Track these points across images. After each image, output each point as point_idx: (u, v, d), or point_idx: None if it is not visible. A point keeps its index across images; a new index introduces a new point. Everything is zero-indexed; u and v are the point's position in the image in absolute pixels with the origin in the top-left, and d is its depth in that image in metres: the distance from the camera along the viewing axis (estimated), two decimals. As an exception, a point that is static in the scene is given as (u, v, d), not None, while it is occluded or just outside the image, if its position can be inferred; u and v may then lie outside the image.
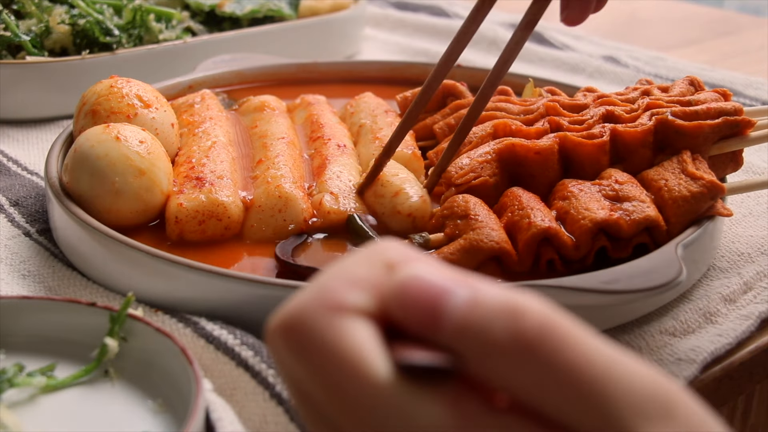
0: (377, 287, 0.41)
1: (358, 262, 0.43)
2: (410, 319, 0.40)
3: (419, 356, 0.40)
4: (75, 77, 1.22)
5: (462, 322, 0.39)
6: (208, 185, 0.88)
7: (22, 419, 0.62)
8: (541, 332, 0.38)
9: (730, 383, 0.77)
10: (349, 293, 0.41)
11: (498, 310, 0.39)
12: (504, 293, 0.40)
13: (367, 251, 0.44)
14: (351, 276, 0.42)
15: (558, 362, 0.38)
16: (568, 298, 0.73)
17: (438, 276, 0.41)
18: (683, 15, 2.04)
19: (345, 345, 0.40)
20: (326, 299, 0.41)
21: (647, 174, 0.87)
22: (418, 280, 0.41)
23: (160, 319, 0.76)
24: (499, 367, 0.39)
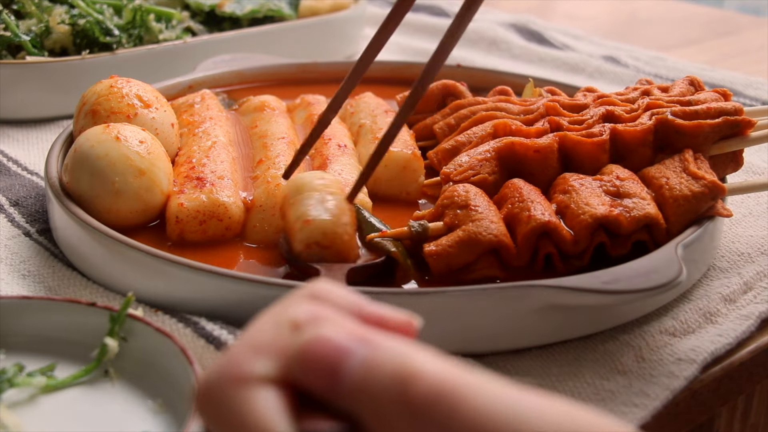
0: (281, 351, 0.42)
1: (265, 325, 0.44)
2: (312, 383, 0.41)
3: (319, 425, 0.40)
4: (75, 77, 1.22)
5: (357, 385, 0.40)
6: (208, 185, 0.88)
7: (22, 419, 0.62)
8: (433, 397, 0.38)
9: (730, 383, 0.77)
10: (253, 362, 0.42)
11: (390, 375, 0.40)
12: (400, 354, 0.40)
13: (276, 310, 0.44)
14: (256, 342, 0.43)
15: (453, 424, 0.38)
16: (568, 298, 0.73)
17: (339, 335, 0.41)
18: (683, 15, 2.04)
19: (249, 417, 0.40)
20: (231, 371, 0.42)
21: (648, 171, 0.87)
22: (319, 342, 0.41)
23: (160, 319, 0.76)
24: (394, 431, 0.39)
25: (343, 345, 0.41)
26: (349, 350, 0.41)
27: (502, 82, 1.16)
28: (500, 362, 0.75)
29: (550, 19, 1.87)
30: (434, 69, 0.80)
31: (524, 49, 1.60)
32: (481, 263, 0.79)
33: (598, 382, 0.73)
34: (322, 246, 0.77)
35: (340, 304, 0.45)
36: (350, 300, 0.45)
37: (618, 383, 0.73)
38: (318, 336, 0.42)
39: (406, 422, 0.39)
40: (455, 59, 1.48)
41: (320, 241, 0.77)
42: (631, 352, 0.76)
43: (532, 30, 1.70)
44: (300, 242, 0.77)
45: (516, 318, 0.75)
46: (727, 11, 2.24)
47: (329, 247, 0.77)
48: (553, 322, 0.76)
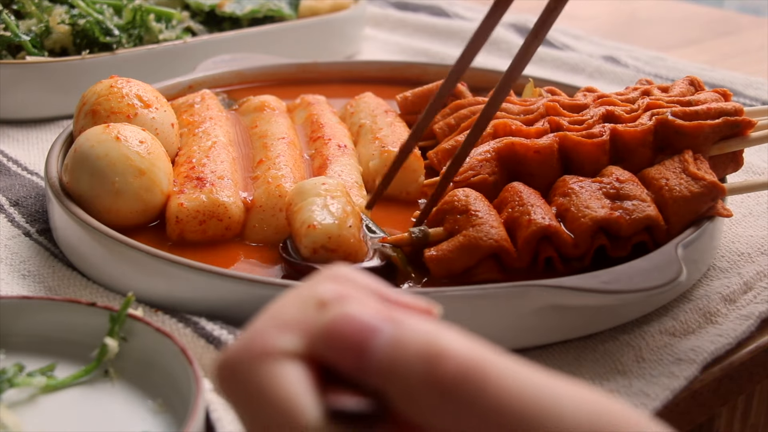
0: (307, 328, 0.42)
1: (290, 302, 0.43)
2: (339, 360, 0.41)
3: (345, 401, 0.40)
4: (75, 77, 1.22)
5: (384, 363, 0.40)
6: (208, 185, 0.88)
7: (22, 419, 0.62)
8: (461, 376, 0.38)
9: (730, 383, 0.77)
10: (278, 337, 0.41)
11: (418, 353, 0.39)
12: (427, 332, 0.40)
13: (300, 289, 0.44)
14: (281, 318, 0.42)
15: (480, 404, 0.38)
16: (568, 298, 0.73)
17: (366, 313, 0.41)
18: (683, 15, 2.04)
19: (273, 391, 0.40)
20: (255, 345, 0.41)
21: (648, 172, 0.87)
22: (346, 319, 0.41)
23: (160, 319, 0.76)
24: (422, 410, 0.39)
25: (371, 323, 0.41)
26: (377, 328, 0.41)
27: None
28: (500, 362, 0.75)
29: (550, 19, 1.87)
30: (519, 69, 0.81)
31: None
32: (482, 268, 0.79)
33: (598, 382, 0.73)
34: (328, 250, 0.77)
35: (363, 286, 0.45)
36: (372, 283, 0.45)
37: (618, 383, 0.73)
38: (345, 313, 0.41)
39: (434, 401, 0.38)
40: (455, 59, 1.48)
41: (326, 244, 0.77)
42: (631, 352, 0.76)
43: (532, 30, 1.69)
44: (306, 247, 0.78)
45: (516, 318, 0.75)
46: (727, 11, 2.24)
47: (336, 250, 0.77)
48: (553, 322, 0.76)
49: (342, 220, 0.78)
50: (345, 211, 0.79)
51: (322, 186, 0.82)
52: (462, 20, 1.77)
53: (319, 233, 0.77)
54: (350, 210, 0.80)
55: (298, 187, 0.83)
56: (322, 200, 0.80)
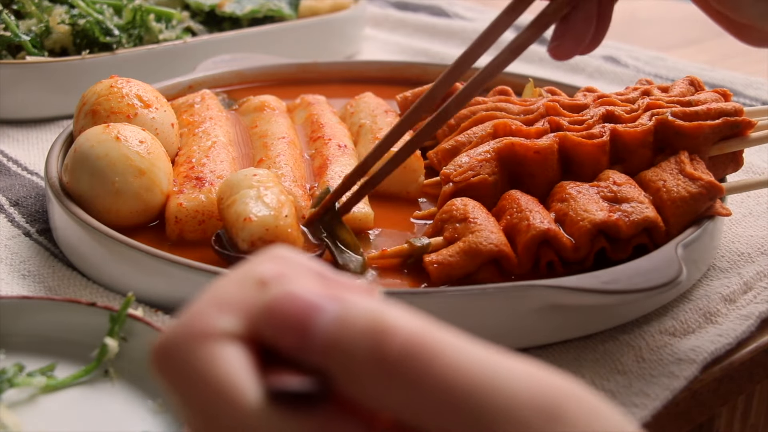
0: (247, 308, 0.41)
1: (230, 282, 0.42)
2: (280, 339, 0.40)
3: (287, 381, 0.39)
4: (75, 77, 1.22)
5: (328, 342, 0.39)
6: (208, 185, 0.88)
7: (22, 419, 0.62)
8: (406, 352, 0.37)
9: (730, 383, 0.77)
10: (217, 318, 0.40)
11: (362, 330, 0.38)
12: (372, 310, 0.39)
13: (241, 269, 0.43)
14: (220, 298, 0.41)
15: (426, 380, 0.37)
16: (568, 299, 0.73)
17: (308, 292, 0.40)
18: (683, 15, 2.04)
19: (212, 373, 0.39)
20: (193, 327, 0.40)
21: (645, 175, 0.87)
22: (287, 297, 0.40)
23: (160, 319, 0.76)
24: (366, 388, 0.38)
25: (314, 301, 0.40)
26: (320, 306, 0.39)
27: (502, 82, 1.16)
28: (500, 362, 0.75)
29: (550, 19, 1.87)
30: None
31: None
32: (482, 273, 0.79)
33: (598, 382, 0.73)
34: (266, 241, 0.77)
35: (304, 267, 0.43)
36: (313, 265, 0.44)
37: (618, 383, 0.73)
38: (287, 291, 0.40)
39: (379, 378, 0.38)
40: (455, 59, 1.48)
41: (264, 236, 0.77)
42: (631, 352, 0.76)
43: (532, 30, 1.69)
44: (244, 241, 0.77)
45: (516, 318, 0.75)
46: (727, 11, 2.23)
47: (273, 241, 0.76)
48: (553, 322, 0.76)
49: (278, 211, 0.78)
50: (280, 202, 0.79)
51: (253, 177, 0.81)
52: (462, 20, 1.77)
53: (256, 225, 0.77)
54: (284, 200, 0.79)
55: (228, 180, 0.82)
56: (255, 191, 0.79)
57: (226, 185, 0.82)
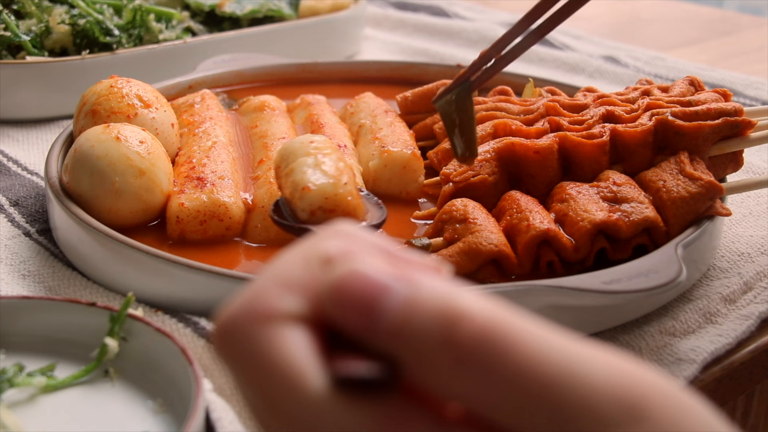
0: (312, 287, 0.39)
1: (294, 260, 0.40)
2: (347, 321, 0.38)
3: (354, 367, 0.37)
4: (75, 77, 1.22)
5: (397, 325, 0.37)
6: (209, 185, 0.88)
7: (22, 419, 0.62)
8: (481, 338, 0.35)
9: (730, 383, 0.77)
10: (280, 298, 0.38)
11: (434, 314, 0.36)
12: (445, 293, 0.37)
13: (305, 246, 0.41)
14: (284, 278, 0.39)
15: (501, 369, 0.35)
16: (569, 299, 0.73)
17: (376, 271, 0.38)
18: (683, 15, 2.04)
19: (275, 358, 0.37)
20: (256, 307, 0.38)
21: (645, 175, 0.87)
22: (354, 277, 0.38)
23: (160, 319, 0.76)
24: (438, 376, 0.36)
25: (382, 281, 0.37)
26: (389, 287, 0.37)
27: (502, 82, 1.16)
28: (500, 362, 0.75)
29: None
30: None
31: (524, 48, 1.59)
32: (482, 273, 0.79)
33: (598, 382, 0.73)
34: (326, 210, 0.75)
35: (370, 243, 0.41)
36: (378, 241, 0.41)
37: (618, 383, 0.73)
38: (354, 270, 0.38)
39: (452, 365, 0.35)
40: (455, 59, 1.48)
41: (323, 205, 0.75)
42: (631, 352, 0.76)
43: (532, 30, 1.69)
44: (303, 210, 0.75)
45: (516, 318, 0.75)
46: (727, 11, 2.24)
47: (334, 210, 0.75)
48: (553, 322, 0.76)
49: (337, 179, 0.76)
50: (338, 169, 0.77)
51: (310, 144, 0.79)
52: (462, 20, 1.77)
53: (315, 194, 0.75)
54: (343, 166, 0.77)
55: (284, 148, 0.80)
56: (312, 159, 0.77)
57: (283, 153, 0.79)
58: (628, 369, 0.36)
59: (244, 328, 0.38)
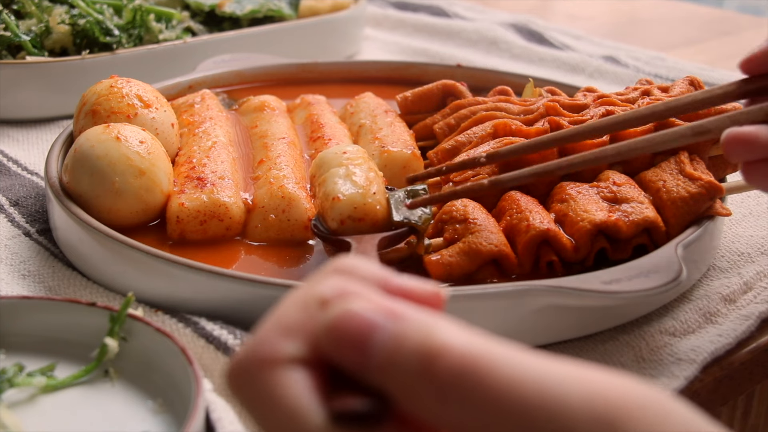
0: (310, 330, 0.42)
1: (293, 304, 0.44)
2: (342, 358, 0.41)
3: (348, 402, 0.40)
4: (75, 77, 1.22)
5: (383, 361, 0.40)
6: (209, 185, 0.88)
7: (22, 419, 0.62)
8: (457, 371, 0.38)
9: (730, 383, 0.77)
10: (282, 344, 0.42)
11: (416, 349, 0.40)
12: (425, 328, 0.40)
13: (302, 290, 0.45)
14: (284, 323, 0.43)
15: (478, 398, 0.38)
16: (569, 299, 0.73)
17: (366, 310, 0.41)
18: (683, 15, 2.04)
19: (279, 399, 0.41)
20: (260, 353, 0.42)
21: (645, 175, 0.87)
22: (347, 317, 0.41)
23: (160, 319, 0.76)
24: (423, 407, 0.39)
25: (371, 319, 0.41)
26: (377, 324, 0.41)
27: (502, 82, 1.16)
28: (500, 362, 0.75)
29: (550, 19, 1.87)
30: None
31: (524, 49, 1.60)
32: (482, 273, 0.79)
33: (598, 382, 0.73)
34: (355, 220, 0.78)
35: (366, 276, 0.45)
36: (376, 272, 0.45)
37: (618, 383, 0.73)
38: (346, 311, 0.42)
39: (434, 397, 0.39)
40: (455, 59, 1.48)
41: (353, 215, 0.78)
42: (631, 352, 0.76)
43: (532, 30, 1.70)
44: (333, 220, 0.79)
45: (516, 318, 0.75)
46: (727, 11, 2.24)
47: (363, 219, 0.78)
48: (553, 322, 0.76)
49: (366, 189, 0.79)
50: (368, 179, 0.80)
51: (343, 155, 0.82)
52: (462, 20, 1.77)
53: (344, 205, 0.78)
54: (373, 177, 0.80)
55: (319, 158, 0.83)
56: (344, 170, 0.80)
57: (318, 163, 0.83)
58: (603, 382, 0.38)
59: (251, 373, 0.42)
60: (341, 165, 0.81)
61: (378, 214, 0.79)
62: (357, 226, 0.78)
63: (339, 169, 0.80)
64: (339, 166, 0.81)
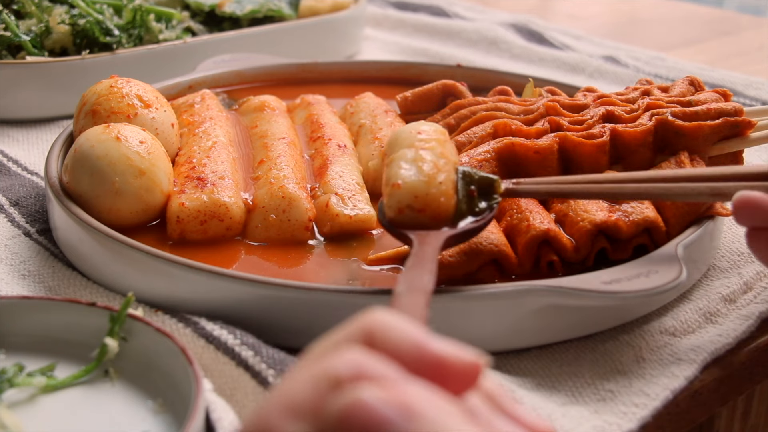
0: (318, 413, 0.40)
1: (303, 380, 0.42)
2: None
3: None
4: (75, 77, 1.22)
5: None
6: (209, 185, 0.88)
7: (22, 419, 0.62)
8: None
9: (730, 383, 0.77)
10: (286, 426, 0.40)
11: None
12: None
13: (316, 362, 0.42)
14: (293, 401, 0.41)
15: None
16: (569, 299, 0.73)
17: (381, 402, 0.39)
18: (683, 15, 2.04)
19: None
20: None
21: (646, 175, 0.87)
22: (360, 408, 0.39)
23: (160, 319, 0.76)
24: None
25: (383, 415, 0.39)
26: (389, 422, 0.39)
27: (502, 82, 1.16)
28: (500, 362, 0.75)
29: (550, 19, 1.87)
30: None
31: (524, 49, 1.60)
32: (482, 273, 0.79)
33: (598, 382, 0.73)
34: (415, 210, 0.71)
35: (395, 345, 0.42)
36: (409, 340, 0.43)
37: (618, 383, 0.73)
38: (358, 400, 0.39)
39: None
40: (455, 59, 1.48)
41: (412, 204, 0.71)
42: (631, 352, 0.76)
43: (532, 30, 1.70)
44: (390, 208, 0.72)
45: (516, 318, 0.75)
46: (727, 11, 2.24)
47: (423, 210, 0.71)
48: (553, 322, 0.76)
49: (431, 177, 0.71)
50: (436, 166, 0.72)
51: (417, 135, 0.74)
52: (462, 20, 1.77)
53: (404, 193, 0.71)
54: (443, 164, 0.72)
55: (392, 135, 0.76)
56: (413, 152, 0.72)
57: (390, 141, 0.75)
58: None
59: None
60: (411, 146, 0.72)
61: (441, 206, 0.71)
62: (417, 217, 0.71)
63: (408, 151, 0.72)
64: (409, 148, 0.73)
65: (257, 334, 0.73)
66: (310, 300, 0.73)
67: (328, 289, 0.73)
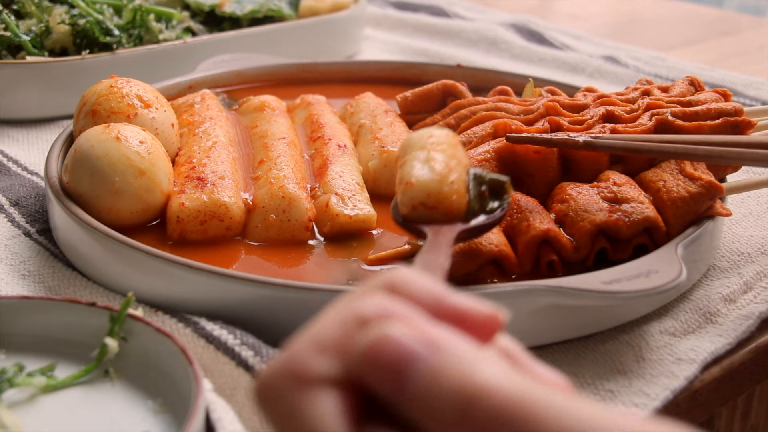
0: (346, 350, 0.41)
1: (331, 320, 0.42)
2: (377, 385, 0.40)
3: None
4: (75, 77, 1.22)
5: (420, 394, 0.39)
6: (209, 185, 0.88)
7: (22, 419, 0.62)
8: (496, 418, 0.37)
9: (730, 383, 0.77)
10: (315, 361, 0.41)
11: (453, 389, 0.38)
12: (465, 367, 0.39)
13: (343, 304, 0.43)
14: (321, 339, 0.42)
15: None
16: (569, 299, 0.73)
17: (406, 337, 0.40)
18: (683, 15, 2.04)
19: (308, 421, 0.40)
20: (292, 369, 0.41)
21: (645, 175, 0.87)
22: (385, 342, 0.40)
23: (160, 319, 0.76)
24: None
25: (411, 348, 0.39)
26: (416, 354, 0.39)
27: (502, 82, 1.16)
28: (500, 362, 0.75)
29: (550, 19, 1.87)
30: None
31: (524, 49, 1.60)
32: (483, 273, 0.79)
33: (598, 382, 0.73)
34: (428, 207, 0.73)
35: (417, 296, 0.43)
36: (429, 291, 0.43)
37: (618, 383, 0.73)
38: (385, 335, 0.40)
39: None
40: (455, 59, 1.48)
41: (425, 201, 0.73)
42: (631, 352, 0.76)
43: (532, 30, 1.70)
44: (404, 205, 0.74)
45: (516, 318, 0.74)
46: (727, 11, 2.24)
47: (436, 207, 0.73)
48: (553, 322, 0.76)
49: (443, 176, 0.73)
50: (448, 166, 0.74)
51: (428, 138, 0.77)
52: (462, 20, 1.77)
53: (416, 190, 0.73)
54: (455, 165, 0.75)
55: (405, 140, 0.79)
56: (425, 154, 0.75)
57: (403, 145, 0.78)
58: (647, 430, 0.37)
59: (281, 389, 0.41)
60: (423, 149, 0.75)
61: (453, 204, 0.73)
62: (430, 213, 0.73)
63: (420, 153, 0.75)
64: (421, 150, 0.75)
65: (257, 334, 0.73)
66: (311, 300, 0.73)
67: (329, 289, 0.73)
